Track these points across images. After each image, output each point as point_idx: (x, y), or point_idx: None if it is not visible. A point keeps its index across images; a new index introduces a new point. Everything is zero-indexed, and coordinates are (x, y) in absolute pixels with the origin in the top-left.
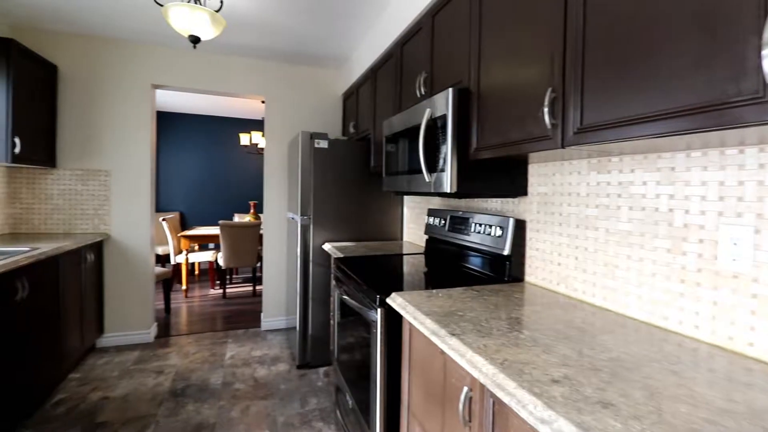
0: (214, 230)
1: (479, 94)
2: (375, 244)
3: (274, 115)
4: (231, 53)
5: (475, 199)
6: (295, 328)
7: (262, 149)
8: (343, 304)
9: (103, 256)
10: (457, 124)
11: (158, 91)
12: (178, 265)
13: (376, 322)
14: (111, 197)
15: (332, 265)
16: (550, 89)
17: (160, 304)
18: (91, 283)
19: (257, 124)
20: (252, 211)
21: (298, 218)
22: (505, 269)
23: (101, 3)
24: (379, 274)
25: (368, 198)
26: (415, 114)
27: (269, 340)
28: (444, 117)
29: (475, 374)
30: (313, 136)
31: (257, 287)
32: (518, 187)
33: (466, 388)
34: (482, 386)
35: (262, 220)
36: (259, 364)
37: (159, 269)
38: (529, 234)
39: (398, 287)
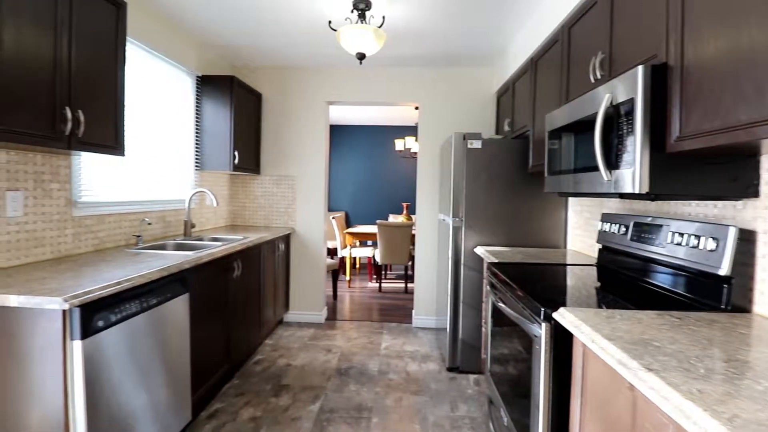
0: (372, 229)
1: (683, 68)
2: (533, 251)
3: (427, 119)
4: (388, 65)
5: (669, 202)
6: (445, 329)
7: (415, 153)
8: (497, 311)
9: (290, 247)
10: (650, 109)
11: (330, 107)
12: (342, 259)
13: (539, 337)
14: (296, 198)
15: (485, 270)
16: None
17: (329, 291)
18: (282, 268)
19: (411, 130)
20: (405, 212)
21: (449, 220)
22: (721, 294)
23: (290, 37)
24: (541, 284)
25: (525, 200)
26: (586, 103)
27: (420, 337)
28: (630, 102)
29: (687, 426)
30: (466, 136)
31: (409, 285)
32: (743, 187)
33: None
34: None
35: (414, 220)
36: (411, 359)
37: (329, 261)
38: (762, 249)
39: (563, 301)
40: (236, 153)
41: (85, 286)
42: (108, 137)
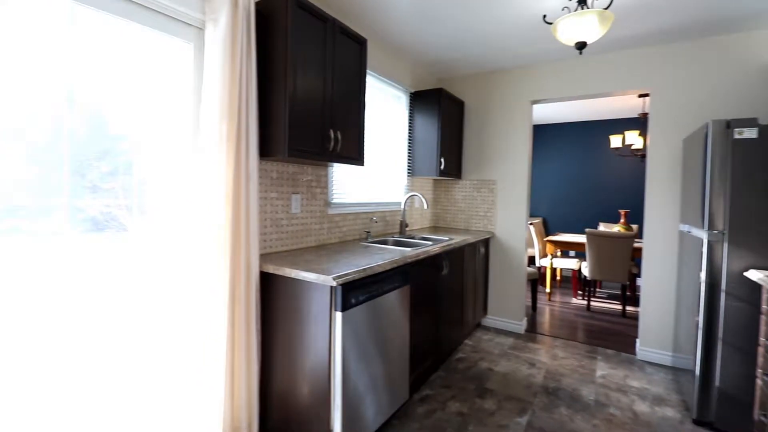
0: (575, 237)
1: None
2: None
3: (662, 106)
4: (608, 50)
5: None
6: (688, 370)
7: (636, 150)
8: None
9: (489, 251)
10: None
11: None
12: (542, 268)
13: None
14: (496, 202)
15: (766, 303)
16: None
17: (528, 302)
18: (481, 271)
19: (629, 123)
20: (622, 220)
21: (700, 233)
22: None
23: (496, 42)
24: None
25: None
26: None
27: (648, 373)
28: None
29: None
30: (731, 124)
31: (628, 308)
32: None
33: None
34: None
35: (634, 231)
36: (638, 397)
37: (529, 269)
38: None
39: None
40: (442, 159)
41: (342, 270)
42: (354, 151)
